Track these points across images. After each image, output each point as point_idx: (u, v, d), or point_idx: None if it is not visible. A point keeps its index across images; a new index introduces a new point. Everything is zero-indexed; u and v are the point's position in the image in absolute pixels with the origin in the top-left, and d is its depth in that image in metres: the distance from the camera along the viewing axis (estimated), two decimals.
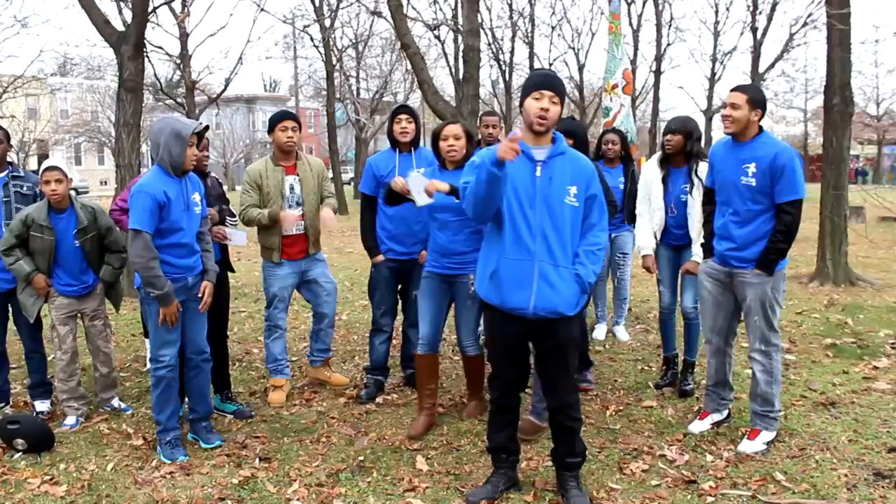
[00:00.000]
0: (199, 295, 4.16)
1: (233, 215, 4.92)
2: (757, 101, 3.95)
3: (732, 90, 4.03)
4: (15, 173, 4.84)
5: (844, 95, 9.27)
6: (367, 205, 5.03)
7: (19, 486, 3.80)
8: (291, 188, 4.99)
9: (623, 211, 5.86)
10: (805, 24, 23.61)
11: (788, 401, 4.83)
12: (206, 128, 4.12)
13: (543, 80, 3.33)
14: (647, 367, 5.75)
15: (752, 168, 3.95)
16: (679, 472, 3.86)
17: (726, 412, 4.48)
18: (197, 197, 4.10)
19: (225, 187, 5.11)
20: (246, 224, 4.99)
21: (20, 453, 4.18)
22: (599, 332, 6.73)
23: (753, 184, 3.96)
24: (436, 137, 4.40)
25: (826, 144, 9.60)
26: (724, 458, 4.02)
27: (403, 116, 4.96)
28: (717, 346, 4.38)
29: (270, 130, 4.97)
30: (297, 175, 5.01)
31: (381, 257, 4.98)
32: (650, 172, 5.02)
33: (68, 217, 4.54)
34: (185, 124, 3.93)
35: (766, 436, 4.12)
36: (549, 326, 3.40)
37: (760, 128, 4.02)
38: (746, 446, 4.09)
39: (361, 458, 4.11)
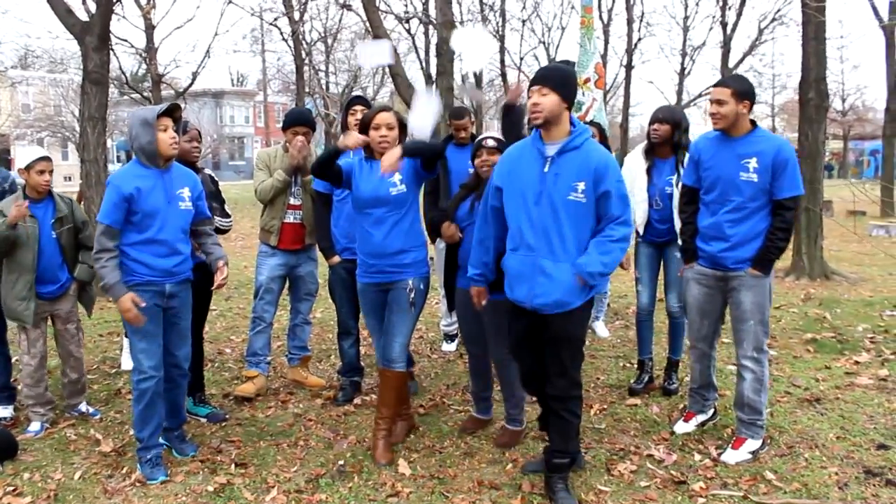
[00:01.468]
0: (219, 282, 3.97)
1: (226, 216, 4.77)
2: (742, 93, 3.81)
3: (715, 85, 3.91)
4: None
5: (820, 89, 9.30)
6: (322, 203, 4.82)
7: None
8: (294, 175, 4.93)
9: None
10: (774, 19, 23.84)
11: (773, 397, 4.78)
12: (177, 107, 3.83)
13: (532, 80, 3.38)
14: (628, 364, 5.67)
15: (753, 163, 3.79)
16: (668, 473, 3.78)
17: (711, 411, 4.41)
18: (186, 192, 3.86)
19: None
20: (263, 200, 4.91)
21: None
22: None
23: (755, 180, 3.80)
24: (366, 125, 4.00)
25: (801, 138, 9.60)
26: (712, 458, 3.95)
27: (359, 108, 4.85)
28: (702, 351, 4.27)
29: (284, 128, 4.94)
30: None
31: (336, 258, 4.79)
32: (634, 163, 4.89)
33: (46, 206, 4.45)
34: (150, 109, 3.77)
35: (752, 444, 3.97)
36: (546, 320, 3.41)
37: (753, 122, 3.90)
38: (730, 456, 3.93)
39: (341, 462, 3.97)
